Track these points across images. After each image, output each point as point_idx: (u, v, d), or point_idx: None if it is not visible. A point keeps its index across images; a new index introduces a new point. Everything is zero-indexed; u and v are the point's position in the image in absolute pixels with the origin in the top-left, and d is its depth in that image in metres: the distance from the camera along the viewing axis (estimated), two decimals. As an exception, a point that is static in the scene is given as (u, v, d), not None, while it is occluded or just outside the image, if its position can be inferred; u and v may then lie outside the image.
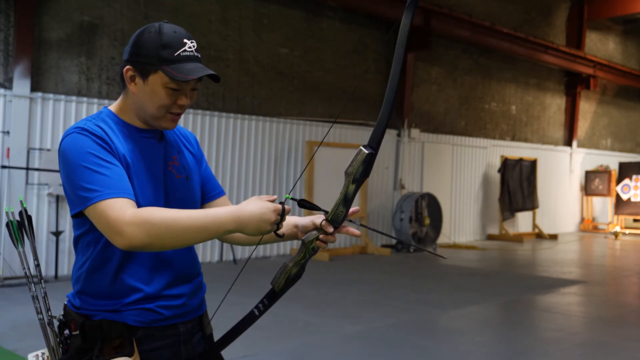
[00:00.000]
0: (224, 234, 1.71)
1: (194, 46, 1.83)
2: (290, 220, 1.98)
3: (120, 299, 1.80)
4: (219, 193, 2.11)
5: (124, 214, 1.64)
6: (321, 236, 1.84)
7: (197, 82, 1.84)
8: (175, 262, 1.88)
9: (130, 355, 1.76)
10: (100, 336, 1.78)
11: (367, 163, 1.80)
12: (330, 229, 1.83)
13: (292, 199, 1.84)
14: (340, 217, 1.85)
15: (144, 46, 1.79)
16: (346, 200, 1.83)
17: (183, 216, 1.66)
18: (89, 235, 1.82)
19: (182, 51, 1.79)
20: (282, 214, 1.73)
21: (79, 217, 1.78)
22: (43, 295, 1.90)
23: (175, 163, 1.93)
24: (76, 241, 1.87)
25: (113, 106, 1.90)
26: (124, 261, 1.80)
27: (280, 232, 1.78)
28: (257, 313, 1.86)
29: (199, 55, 1.85)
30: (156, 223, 1.63)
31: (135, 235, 1.62)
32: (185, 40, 1.81)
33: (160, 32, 1.80)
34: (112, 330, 1.78)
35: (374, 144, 1.80)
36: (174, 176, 1.90)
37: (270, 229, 1.72)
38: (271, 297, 1.86)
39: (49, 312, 1.88)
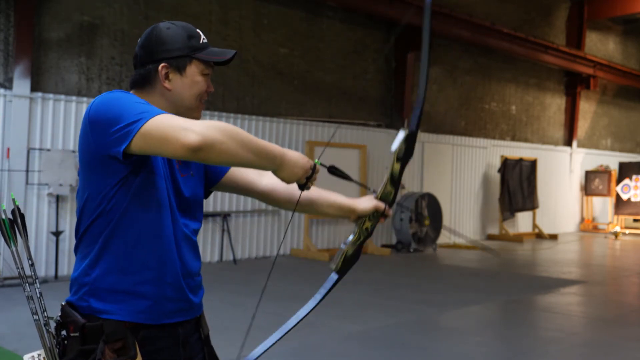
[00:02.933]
0: (270, 166, 1.77)
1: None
2: (345, 203, 2.08)
3: (132, 274, 1.79)
4: (229, 168, 2.13)
5: (192, 120, 1.65)
6: (381, 219, 1.98)
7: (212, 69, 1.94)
8: (186, 256, 1.89)
9: (134, 358, 1.76)
10: (101, 338, 1.77)
11: (408, 142, 1.93)
12: (390, 212, 1.98)
13: (321, 164, 1.90)
14: (390, 197, 1.96)
15: (171, 41, 1.85)
16: (392, 178, 1.94)
17: (251, 135, 1.71)
18: (103, 203, 1.78)
19: (202, 39, 1.90)
20: (313, 170, 1.84)
21: (124, 162, 1.70)
22: (38, 295, 1.88)
23: (180, 162, 1.94)
24: (85, 213, 1.81)
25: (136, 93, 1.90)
26: (142, 235, 1.79)
27: (307, 187, 1.86)
28: (319, 297, 1.98)
29: None
30: (228, 127, 1.64)
31: (207, 130, 1.59)
32: (197, 30, 1.92)
33: (177, 26, 1.88)
34: (113, 332, 1.77)
35: (413, 125, 1.95)
36: (178, 174, 1.92)
37: (300, 176, 1.81)
38: (332, 280, 1.98)
39: (45, 313, 1.86)
